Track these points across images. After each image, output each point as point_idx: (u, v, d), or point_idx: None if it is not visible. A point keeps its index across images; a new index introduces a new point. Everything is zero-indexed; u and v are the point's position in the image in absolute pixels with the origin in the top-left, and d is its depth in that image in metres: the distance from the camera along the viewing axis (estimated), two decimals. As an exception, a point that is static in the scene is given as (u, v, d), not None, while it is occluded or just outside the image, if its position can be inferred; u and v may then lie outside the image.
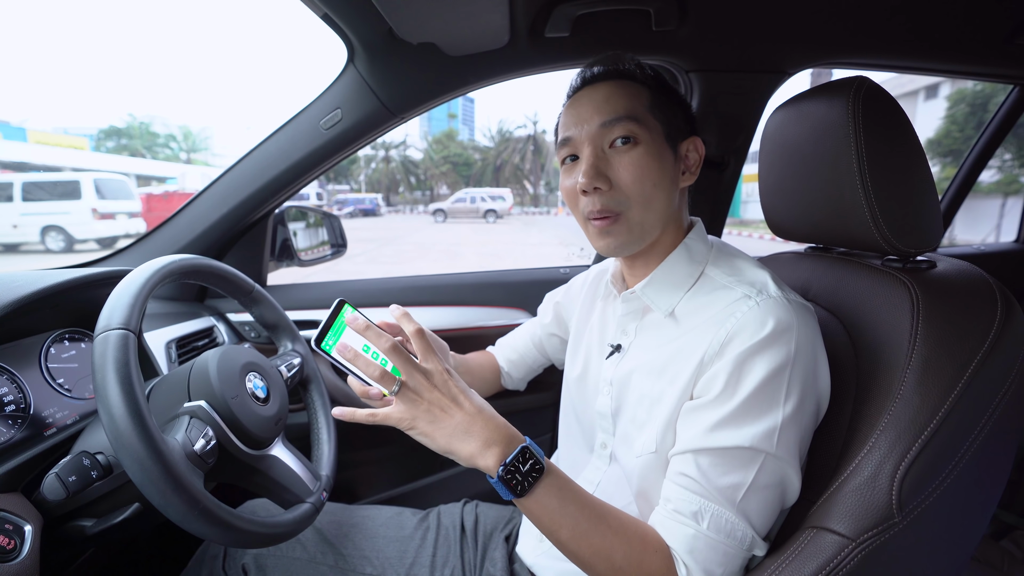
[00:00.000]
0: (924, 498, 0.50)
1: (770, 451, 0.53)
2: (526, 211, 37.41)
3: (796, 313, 0.55)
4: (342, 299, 0.66)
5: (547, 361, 0.97)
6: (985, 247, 1.96)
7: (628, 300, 0.69)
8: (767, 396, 0.53)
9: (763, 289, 0.58)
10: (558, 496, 0.54)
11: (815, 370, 0.56)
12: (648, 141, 0.61)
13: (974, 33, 1.06)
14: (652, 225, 0.63)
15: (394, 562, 0.78)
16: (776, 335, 0.54)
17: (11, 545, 0.51)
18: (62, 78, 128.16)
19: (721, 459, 0.54)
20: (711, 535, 0.53)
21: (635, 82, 0.63)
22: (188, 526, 0.50)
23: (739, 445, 0.53)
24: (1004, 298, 0.55)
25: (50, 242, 10.38)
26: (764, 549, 0.55)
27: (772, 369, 0.53)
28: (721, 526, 0.53)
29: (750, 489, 0.53)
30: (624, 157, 0.61)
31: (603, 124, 0.61)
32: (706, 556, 0.53)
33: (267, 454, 0.66)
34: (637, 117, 0.61)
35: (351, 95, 1.00)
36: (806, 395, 0.55)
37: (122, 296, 0.56)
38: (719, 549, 0.53)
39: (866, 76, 0.61)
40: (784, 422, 0.53)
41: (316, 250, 1.36)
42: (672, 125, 0.63)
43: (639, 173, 0.60)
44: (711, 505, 0.54)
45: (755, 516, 0.54)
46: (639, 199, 0.61)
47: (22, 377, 0.65)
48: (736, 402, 0.54)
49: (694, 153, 0.66)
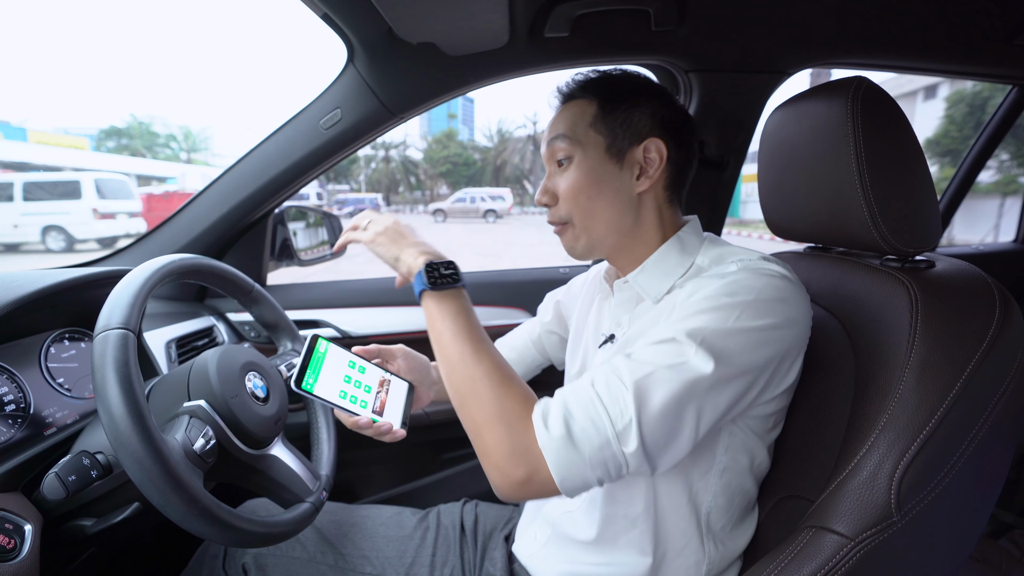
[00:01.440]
0: (923, 497, 0.50)
1: (693, 345, 0.50)
2: (526, 211, 37.37)
3: (779, 274, 0.56)
4: (315, 334, 0.67)
5: (546, 361, 0.97)
6: (984, 247, 1.96)
7: (621, 289, 0.70)
8: (715, 311, 0.52)
9: (750, 263, 0.58)
10: (455, 308, 0.60)
11: (782, 330, 0.53)
12: (581, 158, 0.65)
13: (973, 33, 1.06)
14: (600, 233, 0.66)
15: (394, 562, 0.78)
16: (749, 278, 0.55)
17: (11, 544, 0.51)
18: (62, 78, 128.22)
19: (646, 349, 0.53)
20: (591, 391, 0.51)
21: (582, 99, 0.67)
22: (188, 526, 0.51)
23: (664, 337, 0.52)
24: (1002, 298, 0.55)
25: (51, 242, 10.38)
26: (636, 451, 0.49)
27: (732, 300, 0.53)
28: (611, 388, 0.51)
29: (656, 375, 0.50)
30: (563, 176, 0.66)
31: (548, 144, 0.68)
32: (575, 402, 0.51)
33: (267, 454, 0.66)
34: (571, 136, 0.65)
35: (351, 95, 1.00)
36: (760, 341, 0.52)
37: (122, 296, 0.56)
38: (591, 406, 0.50)
39: (865, 76, 0.61)
40: (719, 331, 0.51)
41: (316, 250, 1.35)
42: (617, 135, 0.64)
43: (571, 189, 0.65)
44: (612, 374, 0.52)
45: (647, 404, 0.49)
46: (575, 211, 0.66)
47: (22, 377, 0.65)
48: (681, 312, 0.54)
49: (654, 155, 0.64)
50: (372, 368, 0.72)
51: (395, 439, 0.68)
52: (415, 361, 0.81)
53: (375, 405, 0.69)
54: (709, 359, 0.50)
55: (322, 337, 0.67)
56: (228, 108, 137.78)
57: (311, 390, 0.62)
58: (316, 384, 0.63)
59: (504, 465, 0.52)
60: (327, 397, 0.64)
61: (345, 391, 0.66)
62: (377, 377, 0.72)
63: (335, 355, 0.68)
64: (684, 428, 0.51)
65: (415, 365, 0.80)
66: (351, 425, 0.67)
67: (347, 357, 0.70)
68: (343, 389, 0.66)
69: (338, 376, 0.67)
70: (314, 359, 0.65)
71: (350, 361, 0.70)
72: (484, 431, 0.54)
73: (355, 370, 0.70)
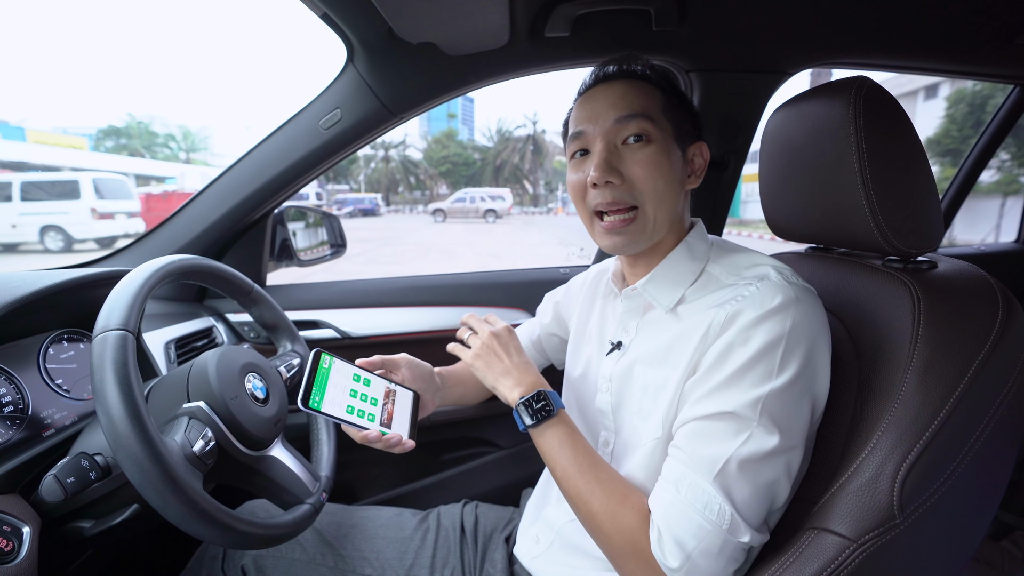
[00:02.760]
0: (925, 499, 0.50)
1: (754, 419, 0.52)
2: (526, 211, 37.42)
3: (797, 294, 0.56)
4: (319, 349, 0.66)
5: (546, 362, 0.97)
6: (985, 247, 1.96)
7: (629, 297, 0.69)
8: (758, 366, 0.53)
9: (765, 277, 0.58)
10: (559, 437, 0.63)
11: (812, 351, 0.55)
12: (660, 140, 0.62)
13: (974, 33, 1.06)
14: (662, 223, 0.64)
15: (394, 563, 0.78)
16: (775, 310, 0.54)
17: (9, 547, 0.51)
18: (61, 78, 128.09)
19: (705, 426, 0.54)
20: (686, 504, 0.52)
21: (648, 83, 0.64)
22: (187, 527, 0.50)
23: (722, 410, 0.53)
24: (1005, 298, 0.55)
25: (49, 242, 10.37)
26: (751, 536, 0.52)
27: (767, 341, 0.53)
28: (697, 496, 0.52)
29: (731, 461, 0.52)
30: (637, 154, 0.61)
31: (617, 120, 0.62)
32: (679, 523, 0.52)
33: (266, 455, 0.66)
34: (651, 116, 0.62)
35: (350, 95, 1.00)
36: (800, 374, 0.53)
37: (120, 296, 0.56)
38: (693, 520, 0.52)
39: (867, 76, 0.60)
40: (772, 393, 0.52)
41: (315, 250, 1.35)
42: (681, 128, 0.65)
43: (652, 170, 0.61)
44: (689, 473, 0.53)
45: (736, 494, 0.52)
46: (652, 196, 0.62)
47: (20, 378, 0.65)
48: (727, 371, 0.54)
49: (699, 157, 0.67)
50: (377, 380, 0.72)
51: (404, 450, 0.68)
52: (419, 369, 0.80)
53: (382, 417, 0.68)
54: (772, 430, 0.52)
55: (325, 352, 0.66)
56: (227, 108, 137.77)
57: (319, 408, 0.62)
58: (323, 401, 0.63)
59: None
60: (335, 414, 0.63)
61: (352, 406, 0.66)
62: (382, 388, 0.72)
63: (339, 369, 0.67)
64: (779, 490, 0.54)
65: (419, 373, 0.80)
66: (360, 439, 0.66)
67: (351, 370, 0.69)
68: (350, 404, 0.66)
69: (344, 391, 0.66)
70: (319, 375, 0.64)
71: (355, 374, 0.69)
72: (619, 564, 0.57)
73: (360, 383, 0.69)
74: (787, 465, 0.53)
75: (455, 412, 1.22)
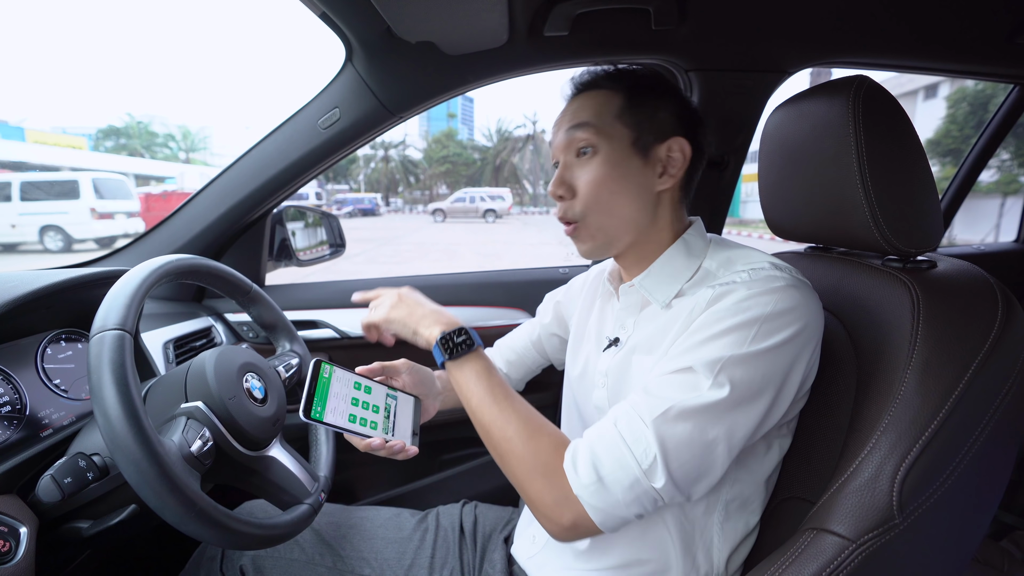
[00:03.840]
0: (925, 499, 0.50)
1: (709, 378, 0.51)
2: (525, 211, 37.40)
3: (789, 282, 0.56)
4: (318, 359, 0.66)
5: (546, 361, 0.97)
6: (985, 247, 1.96)
7: (627, 293, 0.69)
8: (731, 335, 0.53)
9: (761, 268, 0.58)
10: (476, 371, 0.63)
11: (797, 336, 0.53)
12: (608, 150, 0.63)
13: (974, 32, 1.06)
14: (616, 230, 0.65)
15: (392, 563, 0.78)
16: (764, 292, 0.54)
17: (6, 547, 0.50)
18: (60, 77, 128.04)
19: (663, 380, 0.54)
20: (617, 435, 0.53)
21: (607, 90, 0.65)
22: (185, 528, 0.50)
23: (682, 366, 0.53)
24: (1005, 298, 0.55)
25: (48, 242, 10.37)
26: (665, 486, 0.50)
27: (748, 317, 0.53)
28: (631, 431, 0.52)
29: (673, 409, 0.51)
30: (584, 167, 0.64)
31: (567, 133, 0.65)
32: (603, 448, 0.53)
33: (265, 455, 0.66)
34: (597, 126, 0.63)
35: (349, 94, 0.99)
36: (775, 351, 0.52)
37: (118, 296, 0.56)
38: (618, 449, 0.52)
39: (866, 75, 0.60)
40: (734, 358, 0.52)
41: (315, 250, 1.35)
42: (644, 129, 0.63)
43: (594, 182, 0.63)
44: (631, 411, 0.54)
45: (669, 440, 0.51)
46: (595, 207, 0.64)
47: (18, 378, 0.65)
48: (699, 336, 0.54)
49: (677, 154, 0.64)
50: (377, 387, 0.71)
51: (408, 456, 0.68)
52: (419, 374, 0.80)
53: (385, 425, 0.68)
54: (724, 386, 0.51)
55: (325, 362, 0.66)
56: (227, 108, 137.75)
57: (321, 418, 0.61)
58: (325, 411, 0.62)
59: (551, 514, 0.54)
60: (338, 423, 0.63)
61: (354, 414, 0.65)
62: (383, 395, 0.71)
63: (340, 378, 0.67)
64: (714, 455, 0.52)
65: (420, 378, 0.80)
66: (363, 448, 0.66)
67: (352, 379, 0.69)
68: (352, 412, 0.65)
69: (345, 400, 0.66)
70: (320, 386, 0.63)
71: (355, 383, 0.69)
72: (526, 485, 0.56)
73: (361, 391, 0.69)
74: (729, 429, 0.52)
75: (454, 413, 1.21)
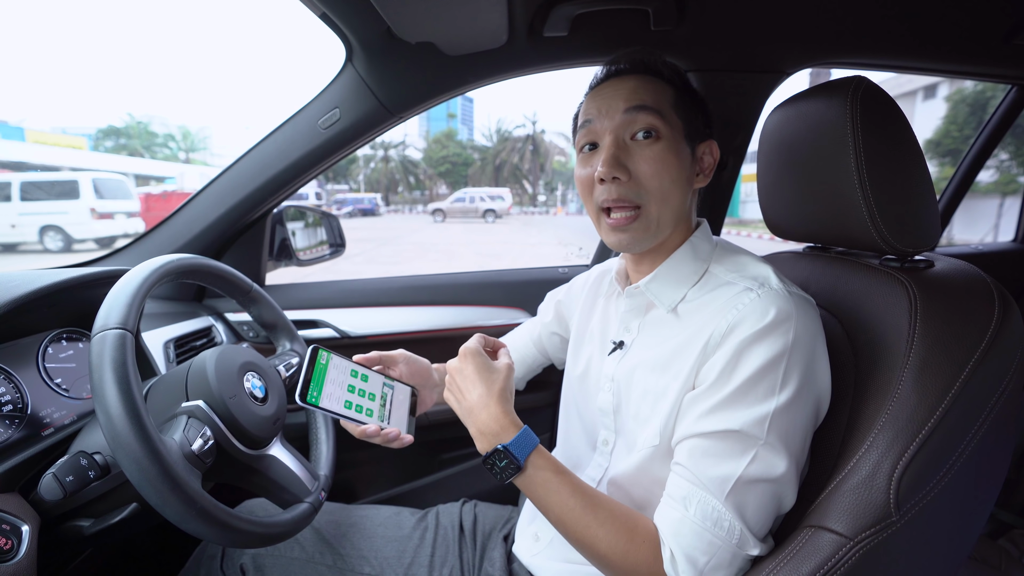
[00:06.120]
0: (922, 497, 0.50)
1: (760, 438, 0.53)
2: (525, 211, 37.39)
3: (796, 305, 0.56)
4: (316, 346, 0.66)
5: (546, 361, 0.97)
6: (983, 247, 1.96)
7: (632, 296, 0.69)
8: (761, 383, 0.53)
9: (765, 282, 0.58)
10: (541, 484, 0.59)
11: (813, 362, 0.55)
12: (669, 137, 0.61)
13: (972, 33, 1.06)
14: (667, 222, 0.63)
15: (392, 562, 0.78)
16: (775, 324, 0.54)
17: (8, 545, 0.51)
18: (60, 77, 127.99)
19: (712, 445, 0.54)
20: (696, 521, 0.53)
21: (661, 79, 0.64)
22: (186, 526, 0.50)
23: (728, 428, 0.53)
24: (1002, 297, 0.55)
25: (48, 242, 10.36)
26: (760, 548, 0.54)
27: (769, 357, 0.53)
28: (707, 514, 0.53)
29: (740, 480, 0.53)
30: (646, 150, 0.61)
31: (627, 112, 0.61)
32: (690, 542, 0.53)
33: (265, 454, 0.66)
34: (661, 111, 0.61)
35: (349, 95, 1.00)
36: (803, 387, 0.54)
37: (119, 296, 0.56)
38: (704, 537, 0.52)
39: (864, 76, 0.61)
40: (777, 410, 0.53)
41: (315, 250, 1.35)
42: (692, 125, 0.64)
43: (659, 167, 0.60)
44: (698, 491, 0.54)
45: (746, 510, 0.53)
46: (657, 194, 0.61)
47: (20, 377, 0.65)
48: (730, 388, 0.54)
49: (709, 156, 0.66)
50: (374, 376, 0.72)
51: (402, 445, 0.68)
52: (416, 365, 0.80)
53: (380, 412, 0.69)
54: (779, 448, 0.53)
55: (323, 349, 0.66)
56: (227, 108, 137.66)
57: (317, 403, 0.62)
58: (321, 396, 0.63)
59: None
60: (333, 409, 0.63)
61: (350, 401, 0.66)
62: (380, 384, 0.72)
63: (337, 365, 0.67)
64: (785, 498, 0.56)
65: (417, 369, 0.80)
66: (358, 434, 0.66)
67: (349, 366, 0.69)
68: (348, 399, 0.66)
69: (342, 386, 0.66)
70: (316, 371, 0.64)
71: (352, 370, 0.69)
72: None
73: (358, 379, 0.69)
74: (788, 470, 0.54)
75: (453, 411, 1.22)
